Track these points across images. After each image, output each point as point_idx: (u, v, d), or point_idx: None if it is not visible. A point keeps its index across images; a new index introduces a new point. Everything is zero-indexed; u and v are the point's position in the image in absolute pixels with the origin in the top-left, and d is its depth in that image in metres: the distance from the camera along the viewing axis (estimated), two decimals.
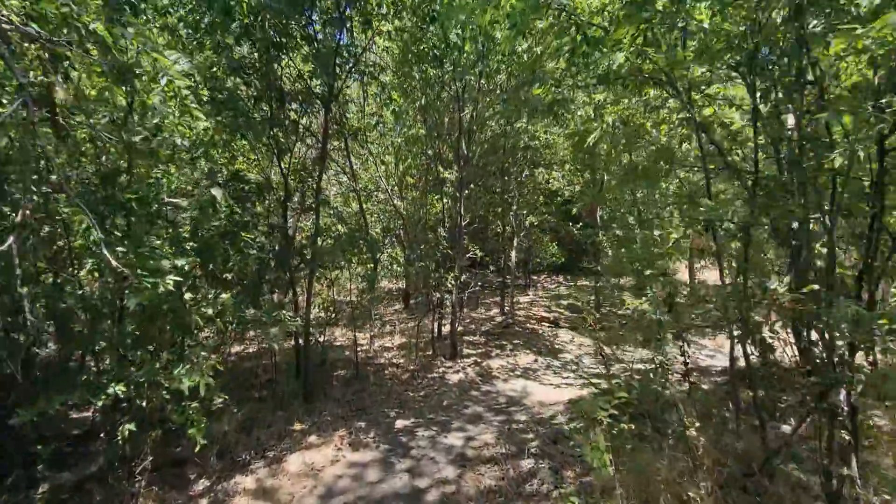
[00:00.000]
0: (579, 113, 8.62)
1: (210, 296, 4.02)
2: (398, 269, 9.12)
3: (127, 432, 3.49)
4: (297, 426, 5.66)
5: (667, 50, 3.61)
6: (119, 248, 3.09)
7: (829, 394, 3.04)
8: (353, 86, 9.70)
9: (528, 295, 15.83)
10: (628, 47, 3.65)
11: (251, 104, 6.14)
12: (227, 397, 3.87)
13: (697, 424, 3.67)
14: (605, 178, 11.08)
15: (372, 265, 9.30)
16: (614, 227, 11.63)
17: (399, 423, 5.75)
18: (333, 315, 6.81)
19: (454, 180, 8.94)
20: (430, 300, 9.33)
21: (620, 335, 9.33)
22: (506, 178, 12.52)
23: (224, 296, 3.91)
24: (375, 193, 13.97)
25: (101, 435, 4.42)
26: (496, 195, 12.67)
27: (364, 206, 10.85)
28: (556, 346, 9.33)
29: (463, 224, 9.04)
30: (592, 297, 14.03)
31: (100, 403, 3.34)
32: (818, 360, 3.20)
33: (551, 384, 7.18)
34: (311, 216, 7.31)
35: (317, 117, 8.44)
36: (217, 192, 4.07)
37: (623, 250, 10.96)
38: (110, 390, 3.25)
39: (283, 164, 7.13)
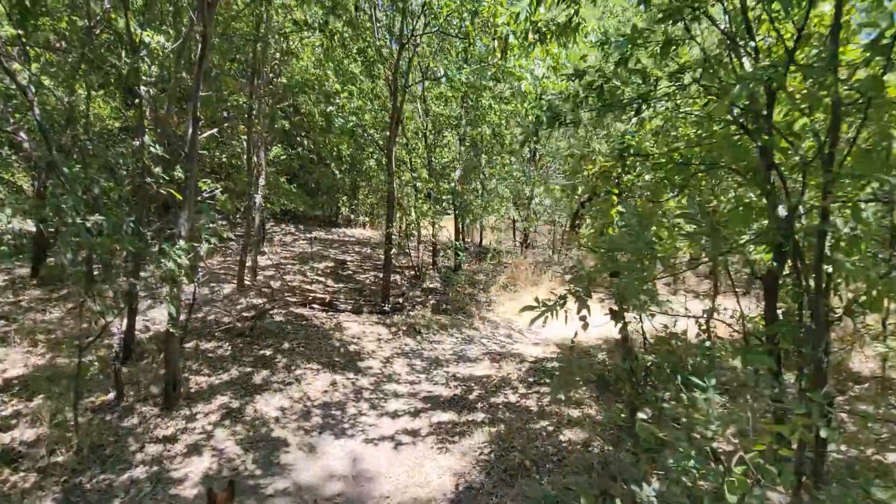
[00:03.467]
0: None
1: None
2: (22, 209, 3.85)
3: None
4: None
5: None
6: None
7: None
8: None
9: (265, 253, 11.56)
10: None
11: None
12: None
13: None
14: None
15: None
16: (413, 175, 9.06)
17: None
18: None
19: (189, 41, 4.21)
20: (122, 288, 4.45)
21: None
22: (255, 74, 7.93)
23: None
24: None
25: None
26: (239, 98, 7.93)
27: None
28: (352, 349, 6.20)
29: (198, 135, 4.49)
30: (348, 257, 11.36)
31: None
32: None
33: (385, 438, 4.18)
34: None
35: None
36: None
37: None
38: None
39: None
